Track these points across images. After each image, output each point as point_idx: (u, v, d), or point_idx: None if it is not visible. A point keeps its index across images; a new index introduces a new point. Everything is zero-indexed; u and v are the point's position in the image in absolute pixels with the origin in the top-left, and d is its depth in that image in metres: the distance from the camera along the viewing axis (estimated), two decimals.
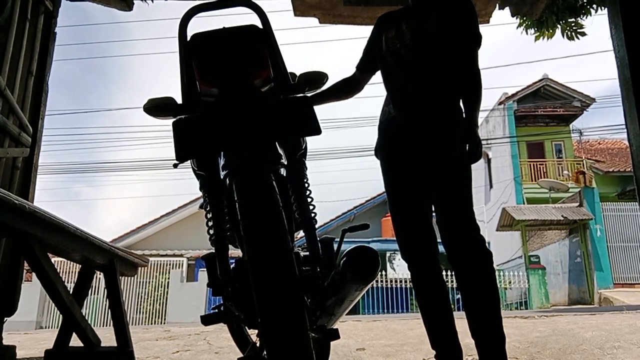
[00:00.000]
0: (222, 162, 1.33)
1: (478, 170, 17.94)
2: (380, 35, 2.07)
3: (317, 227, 1.53)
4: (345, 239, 1.61)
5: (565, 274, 12.98)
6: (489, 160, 18.21)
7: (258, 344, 1.48)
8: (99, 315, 12.29)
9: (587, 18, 4.16)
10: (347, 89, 2.19)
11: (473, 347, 1.82)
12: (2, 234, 2.13)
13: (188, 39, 1.36)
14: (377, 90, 2.05)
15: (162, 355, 3.14)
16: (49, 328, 11.34)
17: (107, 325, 10.74)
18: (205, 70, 1.35)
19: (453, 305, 2.08)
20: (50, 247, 1.94)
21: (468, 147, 1.80)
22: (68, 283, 2.28)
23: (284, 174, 1.45)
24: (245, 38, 1.35)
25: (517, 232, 13.90)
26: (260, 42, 1.35)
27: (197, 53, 1.35)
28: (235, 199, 1.23)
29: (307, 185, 1.56)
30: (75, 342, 2.29)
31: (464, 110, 1.91)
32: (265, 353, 1.16)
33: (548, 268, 12.97)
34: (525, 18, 4.23)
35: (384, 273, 12.60)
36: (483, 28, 2.13)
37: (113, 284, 2.43)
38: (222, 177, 1.33)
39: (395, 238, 2.03)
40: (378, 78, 2.14)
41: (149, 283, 13.07)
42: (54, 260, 2.61)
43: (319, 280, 1.42)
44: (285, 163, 1.43)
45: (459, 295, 1.89)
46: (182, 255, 14.42)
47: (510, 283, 12.51)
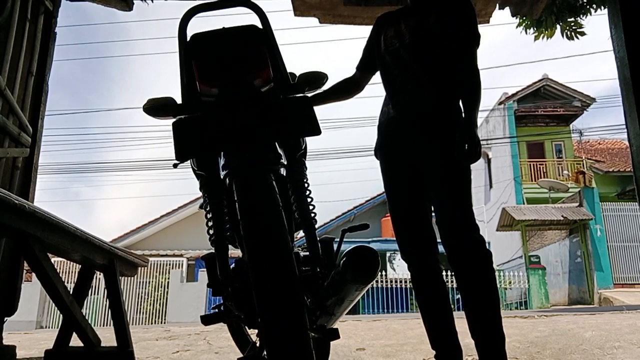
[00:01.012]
0: (222, 162, 1.33)
1: (478, 170, 17.94)
2: (379, 35, 2.07)
3: (317, 227, 1.53)
4: (345, 239, 1.60)
5: (565, 274, 12.98)
6: (489, 160, 18.21)
7: (258, 344, 1.48)
8: (99, 315, 12.29)
9: (586, 18, 4.16)
10: (347, 89, 2.20)
11: (473, 347, 1.82)
12: (2, 234, 2.13)
13: (188, 39, 1.36)
14: (377, 90, 2.05)
15: (162, 355, 3.14)
16: (49, 328, 11.34)
17: (107, 325, 10.74)
18: (205, 70, 1.35)
19: (453, 305, 2.08)
20: (50, 247, 1.94)
21: (467, 146, 1.80)
22: (68, 283, 2.28)
23: (284, 174, 1.45)
24: (245, 38, 1.35)
25: (517, 232, 13.90)
26: (260, 42, 1.35)
27: (197, 53, 1.35)
28: (235, 199, 1.23)
29: (307, 185, 1.56)
30: (76, 342, 2.29)
31: (463, 110, 1.91)
32: (265, 353, 1.16)
33: (548, 268, 12.97)
34: (525, 18, 4.23)
35: (384, 273, 12.60)
36: (483, 28, 2.13)
37: (113, 284, 2.43)
38: (222, 177, 1.33)
39: (395, 238, 2.03)
40: (378, 78, 2.14)
41: (149, 283, 13.07)
42: (54, 260, 2.61)
43: (319, 280, 1.42)
44: (285, 163, 1.43)
45: (459, 295, 1.89)
46: (182, 255, 14.43)
47: (510, 283, 12.51)
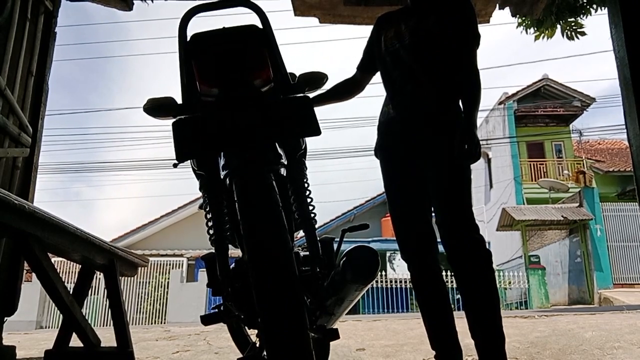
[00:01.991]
0: (222, 162, 1.33)
1: (478, 170, 17.94)
2: (380, 36, 2.07)
3: (317, 227, 1.53)
4: (345, 239, 1.60)
5: (565, 274, 12.98)
6: (489, 160, 18.21)
7: (258, 344, 1.48)
8: (99, 315, 12.29)
9: (586, 18, 4.16)
10: (348, 90, 2.20)
11: (473, 347, 1.82)
12: (2, 234, 2.13)
13: (188, 39, 1.36)
14: (377, 90, 2.05)
15: (162, 356, 3.14)
16: (49, 328, 11.34)
17: (107, 325, 10.74)
18: (205, 71, 1.35)
19: (453, 305, 2.08)
20: (50, 247, 1.94)
21: (467, 147, 1.80)
22: (68, 283, 2.28)
23: (284, 174, 1.45)
24: (245, 38, 1.35)
25: (517, 232, 13.90)
26: (260, 42, 1.35)
27: (197, 53, 1.35)
28: (235, 199, 1.23)
29: (307, 185, 1.56)
30: (76, 342, 2.29)
31: (463, 110, 1.91)
32: (265, 353, 1.16)
33: (548, 268, 12.97)
34: (525, 18, 4.23)
35: (384, 273, 12.60)
36: (483, 28, 2.13)
37: (113, 284, 2.43)
38: (222, 177, 1.33)
39: (395, 238, 2.03)
40: (378, 78, 2.14)
41: (149, 283, 13.07)
42: (54, 260, 2.61)
43: (319, 280, 1.42)
44: (285, 163, 1.43)
45: (459, 295, 1.89)
46: (182, 255, 14.42)
47: (510, 283, 12.51)
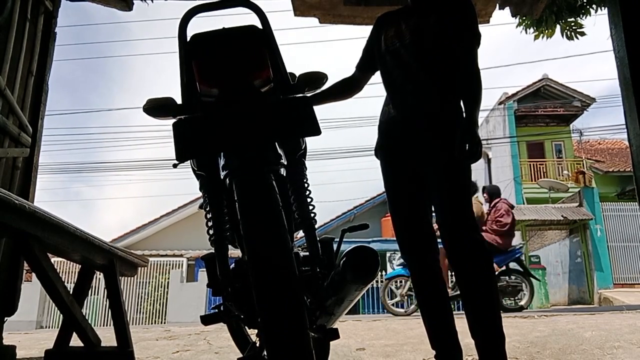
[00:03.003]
0: (222, 162, 1.33)
1: (478, 170, 17.93)
2: (380, 35, 2.07)
3: (317, 227, 1.53)
4: (345, 239, 1.60)
5: (566, 274, 12.98)
6: (489, 160, 18.21)
7: (258, 344, 1.48)
8: (99, 315, 12.29)
9: (586, 18, 4.16)
10: (347, 89, 2.20)
11: (473, 347, 1.82)
12: (2, 234, 2.13)
13: (188, 40, 1.36)
14: (377, 90, 2.05)
15: (162, 355, 3.14)
16: (49, 328, 11.34)
17: (107, 325, 10.74)
18: (205, 71, 1.35)
19: (453, 305, 2.09)
20: (50, 247, 1.94)
21: (468, 146, 1.80)
22: (68, 283, 2.28)
23: (284, 174, 1.45)
24: (245, 38, 1.35)
25: (517, 232, 13.89)
26: (260, 42, 1.35)
27: (197, 53, 1.35)
28: (235, 199, 1.23)
29: (306, 186, 1.56)
30: (76, 342, 2.29)
31: (464, 110, 1.91)
32: (265, 353, 1.16)
33: (548, 268, 12.95)
34: (525, 18, 4.24)
35: (384, 273, 12.60)
36: (483, 28, 2.13)
37: (113, 284, 2.43)
38: (222, 177, 1.33)
39: (395, 238, 2.04)
40: (378, 78, 2.14)
41: (149, 283, 13.08)
42: (54, 260, 2.61)
43: (319, 280, 1.42)
44: (285, 163, 1.43)
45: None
46: (182, 255, 14.43)
47: None
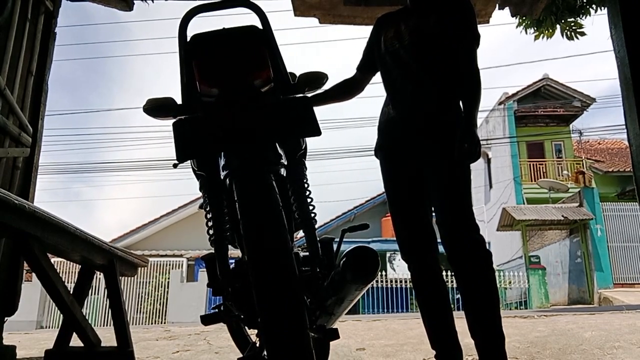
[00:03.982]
0: (222, 162, 1.33)
1: (478, 170, 17.94)
2: (379, 36, 2.07)
3: (317, 227, 1.53)
4: (345, 239, 1.61)
5: (565, 274, 12.98)
6: (489, 160, 18.20)
7: (258, 344, 1.48)
8: (99, 315, 12.29)
9: (586, 18, 4.16)
10: (348, 90, 2.20)
11: (473, 347, 1.82)
12: (2, 234, 2.13)
13: (188, 40, 1.36)
14: (377, 90, 2.05)
15: (162, 355, 3.14)
16: (49, 328, 11.34)
17: (107, 325, 10.74)
18: (205, 71, 1.35)
19: (453, 305, 2.09)
20: (50, 247, 1.94)
21: (467, 146, 1.80)
22: (68, 283, 2.28)
23: (284, 174, 1.45)
24: (245, 39, 1.35)
25: (517, 232, 13.89)
26: (260, 42, 1.35)
27: (197, 53, 1.35)
28: (235, 199, 1.23)
29: (307, 186, 1.56)
30: (76, 342, 2.29)
31: (463, 110, 1.91)
32: (265, 353, 1.16)
33: (548, 268, 12.97)
34: (525, 18, 4.24)
35: (384, 273, 12.60)
36: (483, 28, 2.13)
37: (113, 284, 2.44)
38: (222, 177, 1.33)
39: (395, 238, 2.03)
40: (378, 78, 2.14)
41: (149, 283, 13.07)
42: (54, 260, 2.61)
43: (319, 280, 1.42)
44: (285, 163, 1.43)
45: (459, 295, 1.89)
46: (182, 255, 14.42)
47: (510, 283, 12.52)
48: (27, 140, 3.01)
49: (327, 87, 1.67)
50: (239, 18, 1.47)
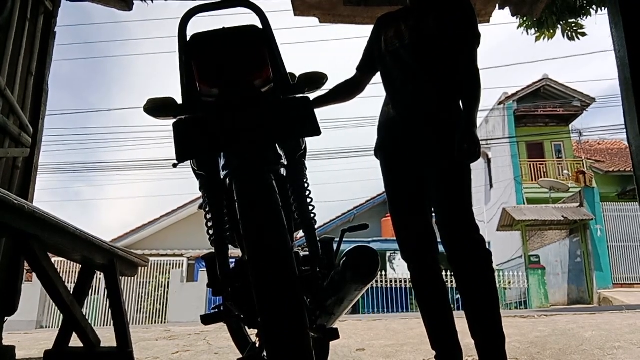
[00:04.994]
0: (222, 162, 1.33)
1: (478, 170, 17.93)
2: (380, 36, 2.07)
3: (317, 227, 1.53)
4: (345, 239, 1.61)
5: (565, 274, 12.98)
6: (489, 160, 18.20)
7: (258, 344, 1.48)
8: (99, 315, 12.29)
9: (587, 18, 4.16)
10: (348, 91, 2.20)
11: (473, 347, 1.82)
12: (2, 234, 2.13)
13: (188, 39, 1.36)
14: (377, 90, 2.05)
15: (162, 356, 3.14)
16: (49, 328, 11.34)
17: (107, 325, 10.74)
18: (205, 71, 1.35)
19: (453, 305, 2.09)
20: (50, 247, 1.94)
21: (466, 146, 1.81)
22: (68, 283, 2.28)
23: (284, 174, 1.45)
24: (245, 38, 1.35)
25: (517, 232, 13.89)
26: (260, 42, 1.35)
27: (197, 53, 1.35)
28: (235, 199, 1.23)
29: (306, 186, 1.56)
30: (76, 342, 2.29)
31: (463, 110, 1.91)
32: (265, 353, 1.16)
33: (548, 268, 12.96)
34: (526, 18, 4.24)
35: (384, 273, 12.61)
36: (483, 28, 2.13)
37: (113, 284, 2.44)
38: (222, 177, 1.33)
39: (395, 238, 2.03)
40: (378, 78, 2.14)
41: (149, 283, 13.07)
42: (54, 260, 2.61)
43: (319, 280, 1.42)
44: (285, 163, 1.43)
45: (459, 295, 1.89)
46: (182, 255, 14.43)
47: (510, 283, 12.52)
48: (27, 141, 3.00)
49: (327, 87, 1.67)
50: (239, 18, 1.47)
